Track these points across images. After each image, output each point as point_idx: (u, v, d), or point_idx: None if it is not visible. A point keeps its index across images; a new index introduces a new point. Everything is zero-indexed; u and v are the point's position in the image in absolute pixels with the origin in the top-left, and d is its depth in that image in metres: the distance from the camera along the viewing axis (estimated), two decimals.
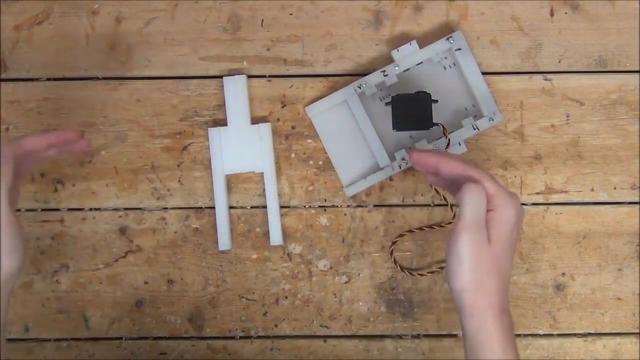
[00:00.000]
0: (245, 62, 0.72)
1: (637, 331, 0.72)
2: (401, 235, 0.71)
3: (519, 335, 0.72)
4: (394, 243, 0.71)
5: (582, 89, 0.72)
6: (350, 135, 0.72)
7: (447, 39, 0.69)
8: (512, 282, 0.72)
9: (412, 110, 0.66)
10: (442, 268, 0.71)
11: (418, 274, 0.71)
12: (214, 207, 0.71)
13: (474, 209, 0.54)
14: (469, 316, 0.54)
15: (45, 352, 0.72)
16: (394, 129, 0.67)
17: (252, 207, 0.72)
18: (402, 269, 0.71)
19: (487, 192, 0.55)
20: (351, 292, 0.72)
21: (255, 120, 0.72)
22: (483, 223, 0.54)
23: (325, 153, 0.72)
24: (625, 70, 0.72)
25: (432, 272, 0.71)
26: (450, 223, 0.71)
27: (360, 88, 0.70)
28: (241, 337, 0.72)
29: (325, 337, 0.72)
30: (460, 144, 0.70)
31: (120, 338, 0.72)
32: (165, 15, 0.72)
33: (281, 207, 0.72)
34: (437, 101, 0.68)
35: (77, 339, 0.72)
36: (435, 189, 0.69)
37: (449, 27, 0.72)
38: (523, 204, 0.72)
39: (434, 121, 0.66)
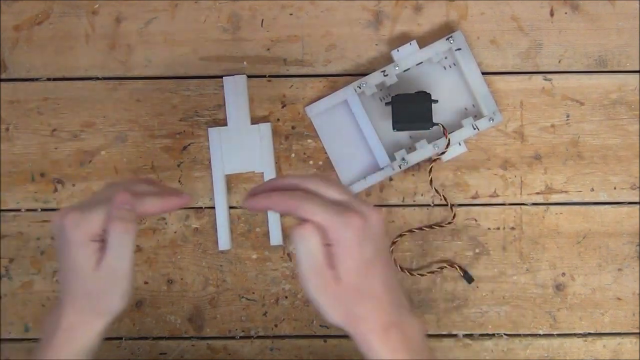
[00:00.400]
0: (245, 62, 0.72)
1: (637, 331, 0.72)
2: (401, 235, 0.71)
3: (519, 335, 0.72)
4: (393, 243, 0.71)
5: (582, 89, 0.72)
6: (350, 135, 0.72)
7: (447, 39, 0.69)
8: (512, 282, 0.72)
9: (412, 110, 0.66)
10: (442, 268, 0.71)
11: (418, 274, 0.71)
12: (214, 207, 0.71)
13: (307, 257, 0.49)
14: (358, 343, 0.52)
15: None
16: (394, 128, 0.67)
17: None
18: (402, 269, 0.71)
19: (321, 227, 0.49)
20: None
21: (255, 120, 0.72)
22: (322, 265, 0.49)
23: (325, 153, 0.72)
24: (625, 70, 0.72)
25: (432, 272, 0.71)
26: (450, 223, 0.71)
27: (360, 88, 0.70)
28: (241, 337, 0.72)
29: (325, 337, 0.72)
30: (460, 144, 0.70)
31: (120, 338, 0.72)
32: (165, 15, 0.72)
33: None
34: (437, 101, 0.68)
35: None
36: (435, 189, 0.69)
37: (449, 27, 0.72)
38: (523, 204, 0.72)
39: (434, 121, 0.66)
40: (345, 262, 0.49)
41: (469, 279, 0.71)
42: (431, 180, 0.70)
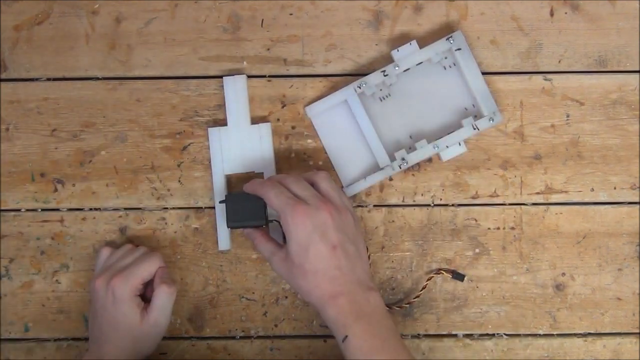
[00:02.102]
0: (245, 62, 0.72)
1: (637, 331, 0.72)
2: (429, 279, 0.71)
3: (519, 335, 0.72)
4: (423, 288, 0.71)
5: (582, 89, 0.72)
6: (350, 135, 0.72)
7: (447, 39, 0.69)
8: (512, 282, 0.72)
9: (245, 208, 0.66)
10: (429, 279, 0.71)
11: (405, 304, 0.71)
12: (214, 207, 0.71)
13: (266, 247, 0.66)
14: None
15: (45, 352, 0.72)
16: (228, 226, 0.67)
17: None
18: (389, 307, 0.71)
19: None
20: None
21: (255, 120, 0.72)
22: (276, 246, 0.66)
23: (325, 153, 0.72)
24: (625, 70, 0.72)
25: (424, 288, 0.71)
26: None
27: (360, 88, 0.70)
28: (241, 337, 0.72)
29: (325, 337, 0.72)
30: (460, 144, 0.70)
31: None
32: (165, 15, 0.72)
33: None
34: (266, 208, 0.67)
35: (77, 339, 0.72)
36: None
37: (449, 27, 0.72)
38: (523, 204, 0.72)
39: (269, 218, 0.67)
40: (289, 244, 0.62)
41: (459, 277, 0.71)
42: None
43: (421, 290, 0.71)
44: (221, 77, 0.72)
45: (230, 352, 0.72)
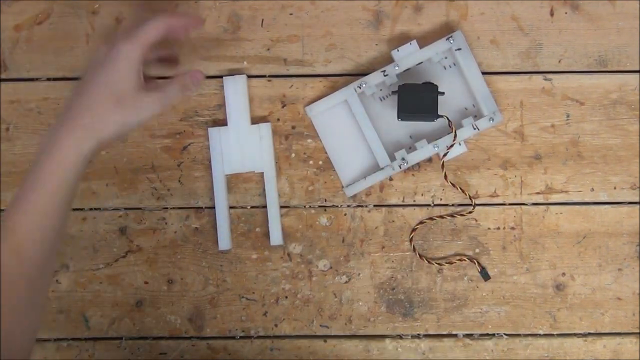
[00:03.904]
0: (245, 62, 0.72)
1: (637, 331, 0.72)
2: (422, 222, 0.71)
3: (519, 335, 0.72)
4: (414, 230, 0.71)
5: (582, 89, 0.72)
6: (350, 135, 0.72)
7: (447, 39, 0.69)
8: (512, 282, 0.72)
9: (417, 101, 0.66)
10: (461, 260, 0.71)
11: (437, 263, 0.71)
12: (214, 207, 0.71)
13: None
14: None
15: (45, 352, 0.72)
16: (398, 118, 0.67)
17: (252, 207, 0.72)
18: (421, 256, 0.71)
19: None
20: (351, 292, 0.72)
21: (255, 120, 0.72)
22: None
23: (325, 153, 0.72)
24: (625, 70, 0.72)
25: (450, 263, 0.71)
26: (470, 212, 0.71)
27: (360, 88, 0.70)
28: (241, 337, 0.72)
29: (325, 337, 0.72)
30: (460, 144, 0.70)
31: (120, 338, 0.72)
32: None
33: (281, 207, 0.72)
34: (443, 93, 0.68)
35: (77, 339, 0.72)
36: (451, 182, 0.70)
37: (449, 27, 0.72)
38: (523, 204, 0.72)
39: (439, 113, 0.66)
40: None
41: (485, 275, 0.71)
42: (445, 175, 0.70)
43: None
44: (221, 77, 0.72)
45: (230, 352, 0.72)
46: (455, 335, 0.72)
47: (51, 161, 0.57)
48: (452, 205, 0.72)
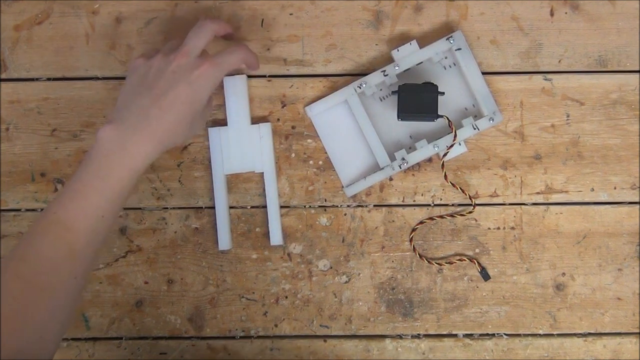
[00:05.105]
0: None
1: (637, 331, 0.72)
2: (422, 222, 0.71)
3: (519, 335, 0.72)
4: (414, 230, 0.71)
5: (582, 89, 0.72)
6: (350, 135, 0.72)
7: (447, 39, 0.69)
8: (512, 282, 0.72)
9: (417, 101, 0.66)
10: (461, 260, 0.72)
11: (437, 263, 0.71)
12: (214, 207, 0.71)
13: None
14: None
15: None
16: (398, 118, 0.67)
17: (252, 207, 0.72)
18: (421, 256, 0.71)
19: None
20: (351, 292, 0.72)
21: (255, 120, 0.72)
22: None
23: (325, 153, 0.72)
24: (625, 70, 0.72)
25: (450, 263, 0.71)
26: (471, 212, 0.71)
27: (360, 88, 0.70)
28: (241, 337, 0.72)
29: (325, 337, 0.72)
30: (460, 144, 0.70)
31: (120, 338, 0.72)
32: (165, 15, 0.72)
33: (281, 207, 0.72)
34: (443, 93, 0.68)
35: (77, 339, 0.72)
36: (451, 183, 0.70)
37: (449, 27, 0.72)
38: (523, 204, 0.72)
39: (439, 113, 0.66)
40: None
41: (485, 276, 0.71)
42: (445, 175, 0.70)
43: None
44: None
45: (230, 352, 0.72)
46: (455, 335, 0.72)
47: (122, 168, 0.59)
48: (452, 205, 0.72)
